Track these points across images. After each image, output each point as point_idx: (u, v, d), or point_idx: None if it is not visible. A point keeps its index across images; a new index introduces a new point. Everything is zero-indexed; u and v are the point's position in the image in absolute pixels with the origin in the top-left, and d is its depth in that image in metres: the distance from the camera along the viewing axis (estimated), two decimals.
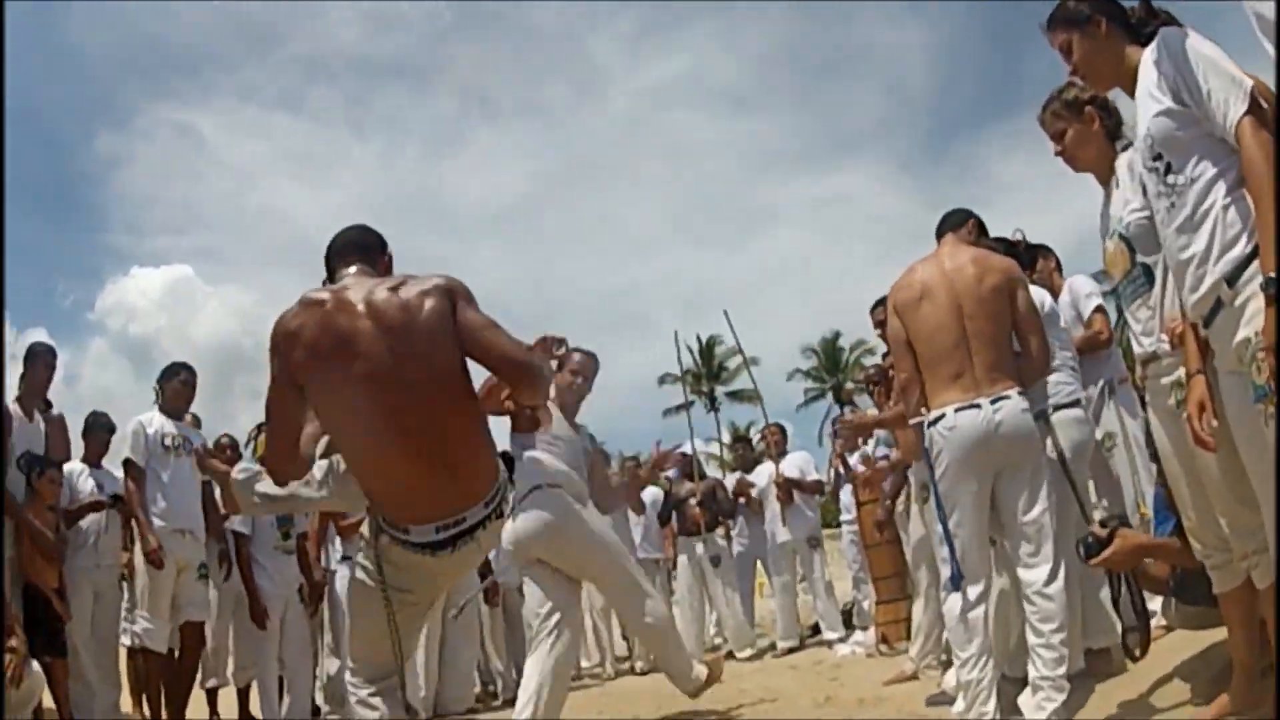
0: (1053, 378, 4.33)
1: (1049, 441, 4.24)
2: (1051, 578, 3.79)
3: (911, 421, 4.22)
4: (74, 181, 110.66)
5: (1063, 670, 3.78)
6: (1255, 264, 2.36)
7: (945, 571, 3.93)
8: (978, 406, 3.84)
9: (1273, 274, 2.25)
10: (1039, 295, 4.45)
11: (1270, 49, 2.44)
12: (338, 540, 6.71)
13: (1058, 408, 4.36)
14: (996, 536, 4.05)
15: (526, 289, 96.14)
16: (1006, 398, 3.86)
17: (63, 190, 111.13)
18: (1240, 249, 2.44)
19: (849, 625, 8.70)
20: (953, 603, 3.86)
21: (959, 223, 4.37)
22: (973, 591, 3.83)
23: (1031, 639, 3.81)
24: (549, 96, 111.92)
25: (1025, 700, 3.85)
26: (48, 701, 5.12)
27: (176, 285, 78.47)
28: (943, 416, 3.88)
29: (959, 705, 3.87)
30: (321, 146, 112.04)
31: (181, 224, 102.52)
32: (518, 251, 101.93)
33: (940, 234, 4.36)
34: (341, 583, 6.38)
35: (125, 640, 6.02)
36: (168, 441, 5.90)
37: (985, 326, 3.95)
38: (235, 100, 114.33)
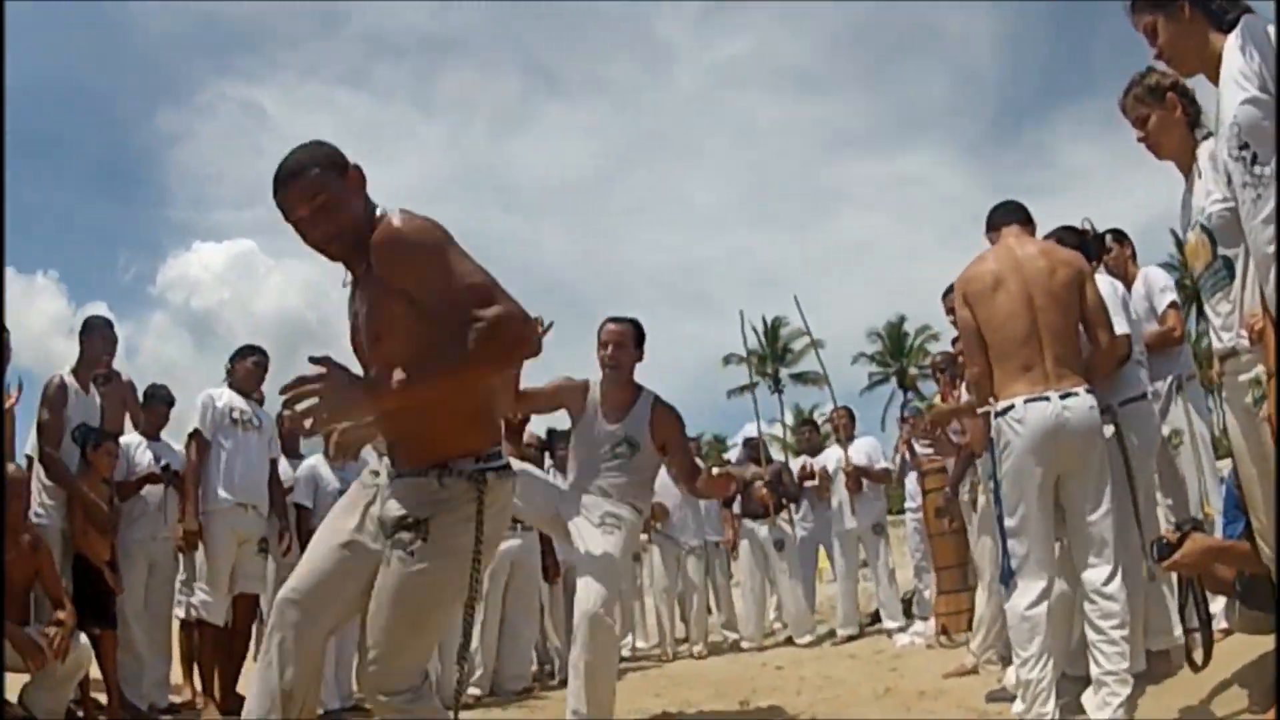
0: (1121, 371, 4.25)
1: (1114, 436, 4.16)
2: (1111, 577, 3.76)
3: (980, 411, 4.17)
4: (136, 158, 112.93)
5: (1126, 665, 3.73)
6: None
7: (1005, 565, 3.89)
8: (1047, 399, 3.79)
9: None
10: (1110, 283, 4.38)
11: None
12: None
13: (1125, 401, 4.26)
14: (1060, 535, 3.98)
15: (591, 266, 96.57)
16: (1075, 394, 3.81)
17: (124, 166, 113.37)
18: None
19: (909, 614, 8.63)
20: (1015, 599, 3.81)
21: (1027, 217, 4.32)
22: (1035, 588, 3.78)
23: (1092, 636, 3.77)
24: (615, 74, 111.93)
25: (1089, 698, 3.80)
26: (94, 673, 5.15)
27: (239, 259, 79.68)
28: (1011, 407, 3.83)
29: (1018, 705, 3.83)
30: (386, 123, 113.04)
31: (244, 199, 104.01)
32: (583, 229, 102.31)
33: (995, 224, 4.32)
34: None
35: (179, 612, 6.05)
36: (235, 415, 5.95)
37: (1056, 319, 3.90)
38: (298, 76, 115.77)
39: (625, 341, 4.88)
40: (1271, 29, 2.57)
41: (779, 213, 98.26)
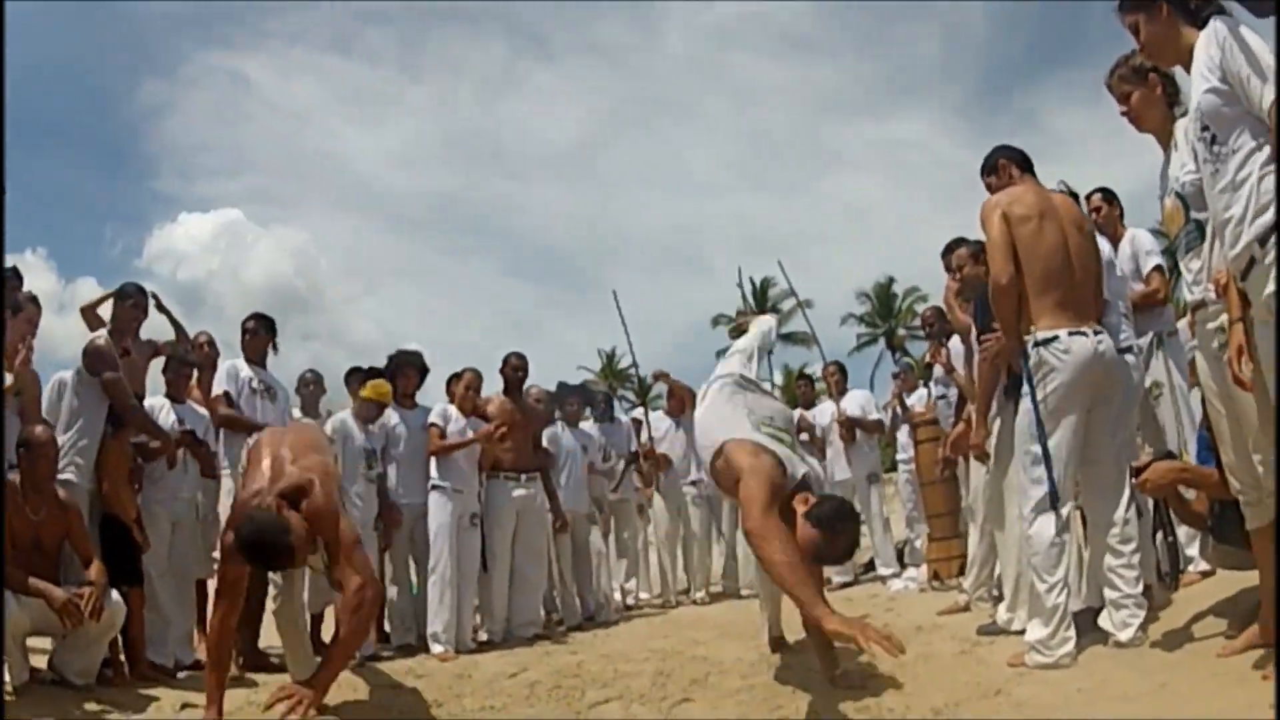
0: (1108, 322, 4.45)
1: None
2: (1129, 504, 4.06)
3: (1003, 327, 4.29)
4: (121, 131, 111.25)
5: (1141, 589, 4.04)
6: None
7: (1038, 492, 4.04)
8: (1085, 334, 4.06)
9: None
10: (1099, 241, 4.65)
11: None
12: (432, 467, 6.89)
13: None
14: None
15: (583, 229, 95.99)
16: (1102, 332, 4.12)
17: (109, 140, 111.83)
18: (1271, 215, 2.71)
19: (901, 563, 8.91)
20: (1043, 525, 4.02)
21: (1033, 166, 4.57)
22: (1063, 515, 4.04)
23: (1111, 561, 4.04)
24: (605, 36, 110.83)
25: (1107, 620, 4.08)
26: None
27: (226, 229, 78.75)
28: (1056, 338, 4.04)
29: (1038, 632, 3.98)
30: (374, 88, 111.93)
31: (230, 168, 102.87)
32: (575, 192, 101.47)
33: (1004, 166, 4.54)
34: (438, 510, 6.72)
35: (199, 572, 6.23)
36: (254, 385, 6.26)
37: (1087, 263, 4.22)
38: (284, 43, 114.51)
39: None
40: (1241, 29, 2.88)
41: (770, 175, 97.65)
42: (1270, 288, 2.66)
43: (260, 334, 6.56)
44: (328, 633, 5.97)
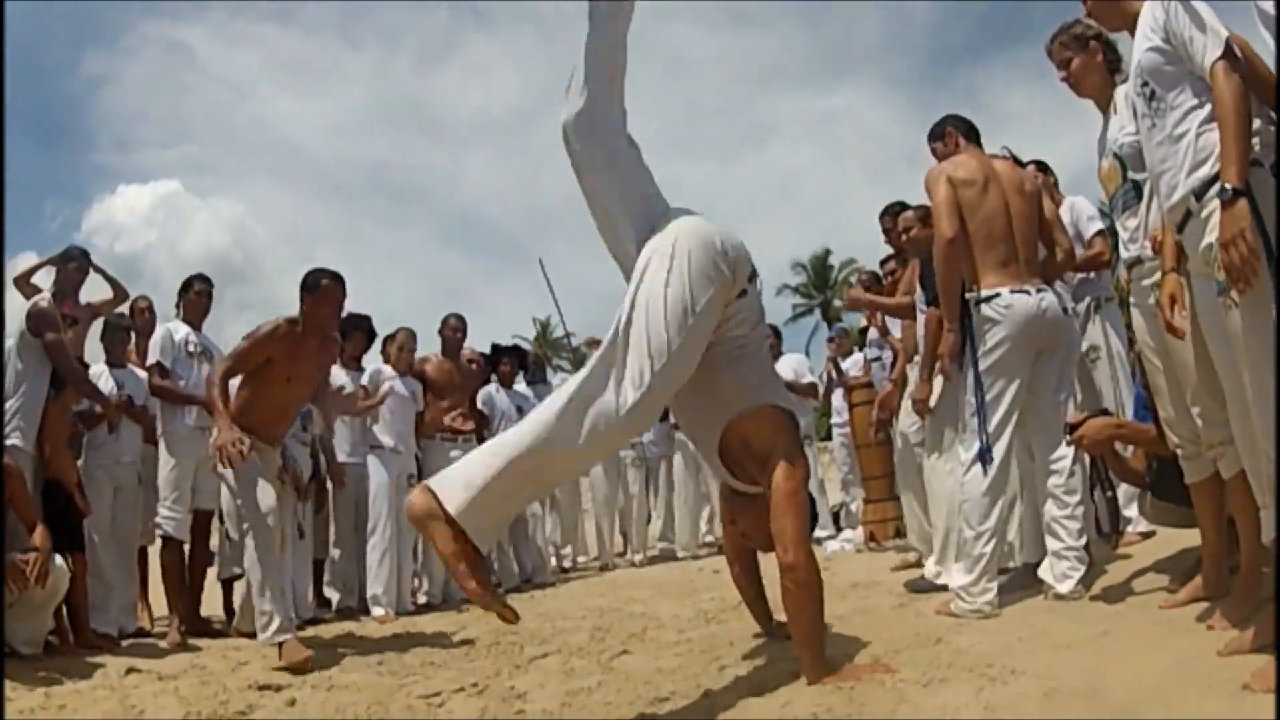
0: None
1: None
2: (1074, 457, 4.11)
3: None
4: (59, 103, 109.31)
5: (1084, 541, 4.12)
6: (1219, 184, 2.66)
7: (973, 445, 4.12)
8: (1027, 292, 4.16)
9: (1229, 185, 2.57)
10: None
11: (1270, 41, 2.78)
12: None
13: None
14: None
15: (516, 199, 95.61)
16: (1044, 290, 4.21)
17: (48, 112, 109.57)
18: (1207, 169, 2.75)
19: (838, 526, 9.01)
20: (975, 476, 4.10)
21: (980, 140, 4.69)
22: (997, 468, 4.09)
23: (1055, 511, 4.13)
24: (543, 6, 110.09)
25: (1046, 571, 4.16)
26: None
27: (165, 200, 77.88)
28: (997, 295, 4.15)
29: (961, 578, 4.08)
30: (313, 57, 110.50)
31: (169, 139, 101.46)
32: (509, 161, 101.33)
33: (949, 134, 4.68)
34: (376, 471, 6.72)
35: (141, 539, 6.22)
36: (191, 348, 6.14)
37: (1025, 227, 4.32)
38: (226, 14, 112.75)
39: None
40: None
41: (707, 145, 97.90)
42: (1207, 239, 2.70)
43: (205, 295, 6.43)
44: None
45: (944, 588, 4.53)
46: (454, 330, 7.51)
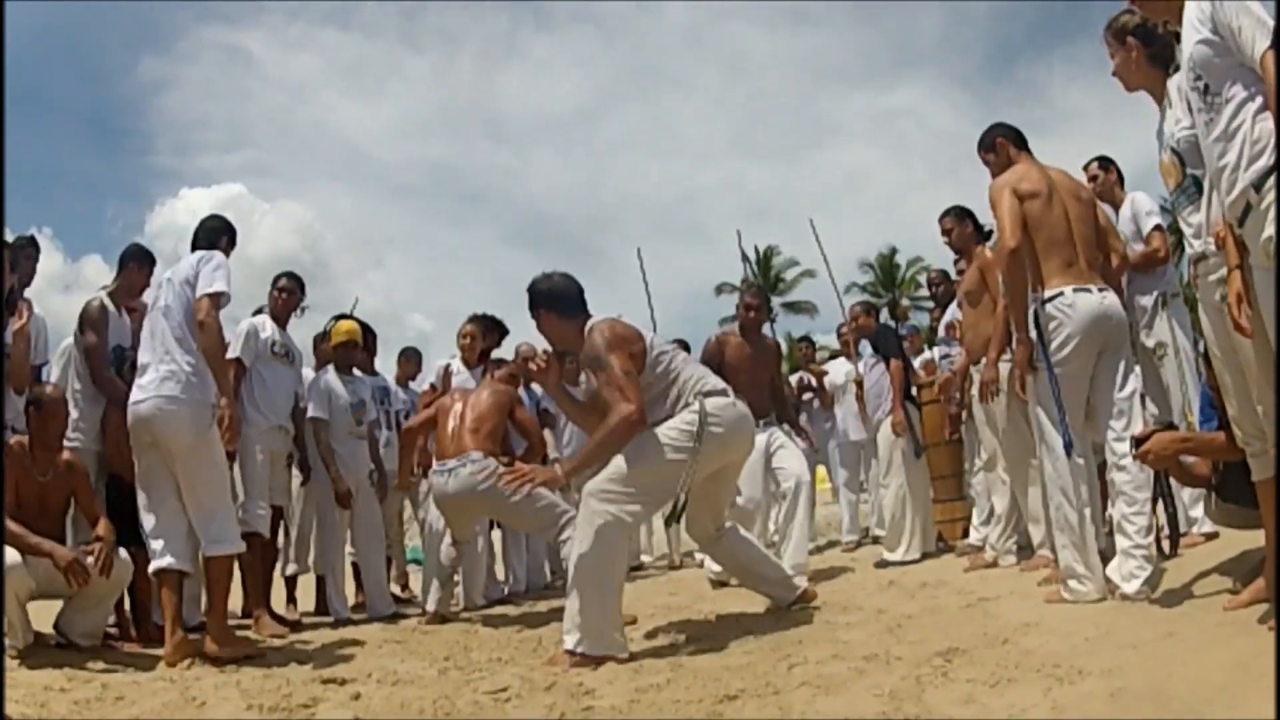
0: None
1: None
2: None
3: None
4: (116, 106, 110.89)
5: (1151, 539, 4.16)
6: (1278, 174, 2.66)
7: (1057, 441, 4.25)
8: (1089, 291, 4.28)
9: None
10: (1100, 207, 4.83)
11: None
12: None
13: None
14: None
15: (581, 198, 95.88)
16: (1106, 290, 4.34)
17: (108, 117, 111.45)
18: (1265, 160, 2.74)
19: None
20: (1064, 467, 4.25)
21: (1027, 143, 4.83)
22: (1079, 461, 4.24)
23: (1123, 508, 4.17)
24: (604, 6, 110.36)
25: (1114, 571, 4.17)
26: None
27: (228, 204, 78.65)
28: (1061, 294, 4.29)
29: (1073, 561, 4.24)
30: (373, 60, 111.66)
31: (231, 143, 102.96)
32: (573, 160, 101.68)
33: (1000, 144, 4.81)
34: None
35: None
36: (276, 349, 6.25)
37: (1085, 230, 4.46)
38: (284, 18, 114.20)
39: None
40: None
41: (770, 145, 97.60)
42: (1268, 231, 2.69)
43: (295, 294, 6.54)
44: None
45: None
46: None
